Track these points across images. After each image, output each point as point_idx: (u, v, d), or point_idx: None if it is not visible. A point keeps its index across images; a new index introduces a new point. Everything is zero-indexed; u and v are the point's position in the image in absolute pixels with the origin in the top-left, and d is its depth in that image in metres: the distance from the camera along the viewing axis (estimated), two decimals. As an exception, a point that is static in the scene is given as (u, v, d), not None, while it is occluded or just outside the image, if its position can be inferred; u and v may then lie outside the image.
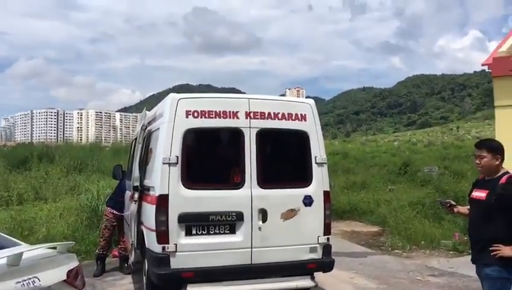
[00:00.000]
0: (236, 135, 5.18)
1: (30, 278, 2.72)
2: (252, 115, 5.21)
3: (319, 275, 5.40)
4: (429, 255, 8.72)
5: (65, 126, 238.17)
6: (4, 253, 2.80)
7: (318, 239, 5.26)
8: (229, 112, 5.15)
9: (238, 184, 5.13)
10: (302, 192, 5.28)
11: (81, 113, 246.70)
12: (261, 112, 5.25)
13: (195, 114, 5.06)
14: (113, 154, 19.71)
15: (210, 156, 5.39)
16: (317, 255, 5.27)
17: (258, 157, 5.16)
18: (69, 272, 3.10)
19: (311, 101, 5.57)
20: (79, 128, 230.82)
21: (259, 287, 5.08)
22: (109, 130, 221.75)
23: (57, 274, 2.99)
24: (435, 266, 7.75)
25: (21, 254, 2.79)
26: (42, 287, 2.79)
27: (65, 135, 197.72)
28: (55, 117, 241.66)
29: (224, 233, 5.03)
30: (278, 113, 5.31)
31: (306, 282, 5.23)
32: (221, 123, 5.15)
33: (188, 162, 5.00)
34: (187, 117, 5.04)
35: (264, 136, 5.23)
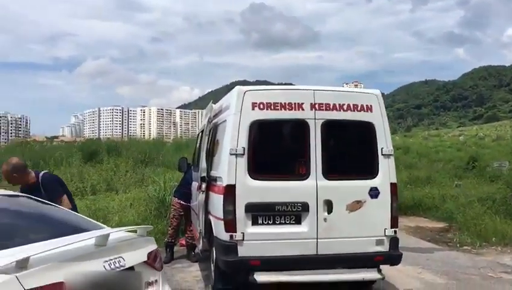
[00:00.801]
0: (301, 126, 5.22)
1: (116, 258, 2.91)
2: (317, 106, 5.23)
3: (383, 269, 5.33)
4: (501, 252, 8.33)
5: (129, 123, 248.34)
6: (92, 234, 3.02)
7: (385, 232, 5.20)
8: (294, 103, 5.20)
9: (304, 175, 5.18)
10: (368, 184, 5.24)
11: (144, 110, 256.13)
12: (326, 104, 5.26)
13: (261, 106, 5.16)
14: (175, 149, 20.38)
15: (275, 147, 5.46)
16: (384, 247, 5.22)
17: (323, 148, 5.18)
18: (149, 254, 3.28)
19: (377, 92, 5.50)
20: (142, 125, 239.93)
21: (325, 278, 5.11)
22: (170, 126, 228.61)
23: (139, 255, 3.17)
24: (507, 263, 7.41)
25: (108, 235, 3.00)
26: (126, 267, 2.97)
27: (129, 131, 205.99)
28: (120, 114, 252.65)
29: (290, 223, 5.10)
30: (343, 104, 5.29)
31: (373, 275, 5.19)
32: (287, 115, 5.21)
33: (254, 153, 5.11)
34: (253, 109, 5.14)
35: (329, 127, 5.24)
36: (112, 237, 3.04)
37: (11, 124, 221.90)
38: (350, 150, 5.57)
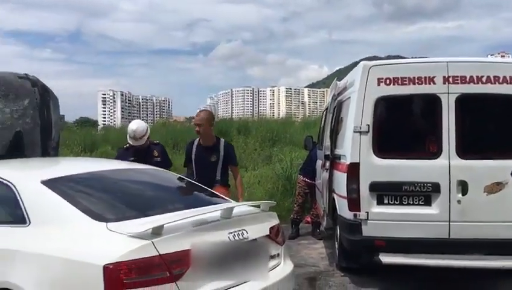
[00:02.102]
0: (432, 101, 4.87)
1: (239, 230, 3.06)
2: (450, 79, 4.82)
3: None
4: None
5: (259, 102, 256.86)
6: (218, 207, 3.22)
7: None
8: (425, 77, 4.87)
9: (434, 154, 4.85)
10: (510, 164, 4.72)
11: (273, 90, 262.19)
12: (461, 76, 4.82)
13: (388, 81, 4.92)
14: (302, 128, 20.50)
15: (403, 124, 5.21)
16: None
17: (457, 125, 4.77)
18: (271, 229, 3.39)
19: None
20: (271, 105, 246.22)
21: (458, 264, 4.77)
22: (298, 105, 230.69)
23: (261, 229, 3.30)
24: None
25: (232, 208, 3.17)
26: (249, 239, 3.12)
27: (259, 110, 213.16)
28: (251, 94, 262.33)
29: (419, 204, 4.84)
30: (482, 76, 4.80)
31: None
32: (416, 90, 4.90)
33: (379, 130, 4.92)
34: (379, 85, 4.93)
35: (464, 102, 4.81)
36: (236, 211, 3.20)
37: (156, 106, 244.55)
38: (489, 126, 5.06)
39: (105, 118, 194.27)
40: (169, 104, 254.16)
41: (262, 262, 3.24)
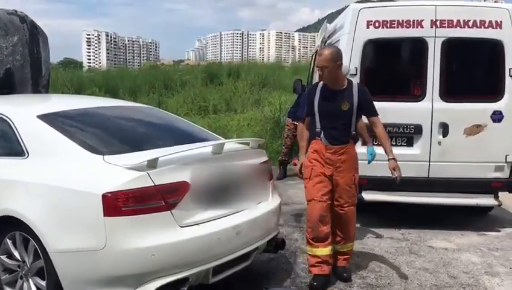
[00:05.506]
0: (419, 45, 4.98)
1: (230, 165, 3.24)
2: (438, 23, 4.90)
3: (502, 197, 5.09)
4: None
5: (249, 46, 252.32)
6: (210, 143, 3.37)
7: (506, 158, 4.91)
8: (413, 20, 4.93)
9: (419, 96, 5.02)
10: (490, 107, 4.91)
11: (263, 34, 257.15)
12: (448, 20, 4.90)
13: (377, 24, 4.98)
14: (292, 72, 20.51)
15: (390, 67, 5.32)
16: (504, 174, 4.95)
17: (442, 68, 4.92)
18: (261, 164, 3.58)
19: (510, 6, 4.94)
20: (261, 49, 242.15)
21: (435, 201, 5.06)
22: (288, 50, 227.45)
23: (251, 164, 3.48)
24: None
25: (223, 144, 3.32)
26: (240, 174, 3.29)
27: (249, 54, 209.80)
28: (240, 38, 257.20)
29: (401, 145, 5.04)
30: (468, 20, 4.88)
31: (488, 201, 5.01)
32: (404, 33, 4.98)
33: (367, 73, 5.03)
34: (368, 27, 4.99)
35: (450, 46, 4.92)
36: (226, 147, 3.35)
37: (143, 48, 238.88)
38: (472, 70, 5.20)
39: (90, 59, 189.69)
40: (156, 47, 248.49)
41: (253, 194, 3.44)
